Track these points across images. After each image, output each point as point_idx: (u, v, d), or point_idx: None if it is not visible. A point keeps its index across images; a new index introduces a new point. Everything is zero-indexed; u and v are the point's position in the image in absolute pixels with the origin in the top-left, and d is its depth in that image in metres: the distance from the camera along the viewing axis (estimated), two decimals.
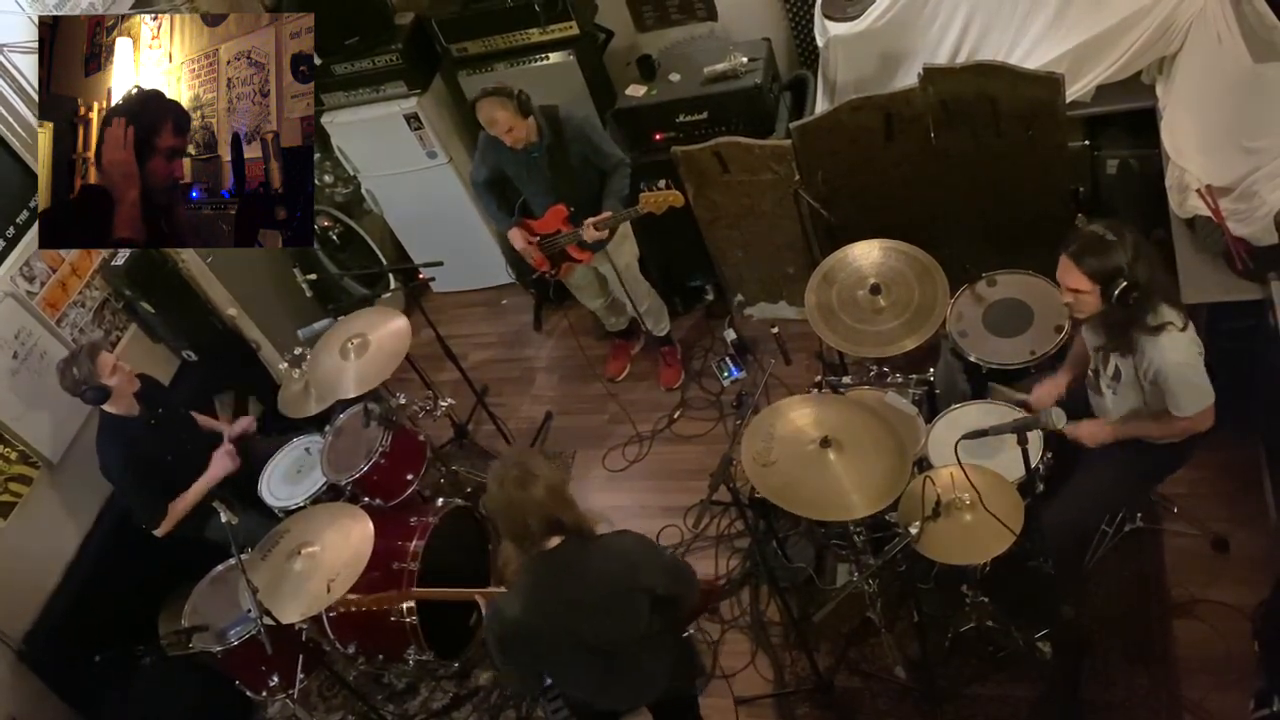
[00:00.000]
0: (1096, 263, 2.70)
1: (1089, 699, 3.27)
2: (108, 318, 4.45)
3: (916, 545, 2.84)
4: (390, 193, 5.53)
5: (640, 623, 2.65)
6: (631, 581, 2.61)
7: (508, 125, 3.96)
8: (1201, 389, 2.80)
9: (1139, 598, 3.49)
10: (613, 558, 2.62)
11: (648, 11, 5.00)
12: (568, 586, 2.57)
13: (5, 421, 3.88)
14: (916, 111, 3.80)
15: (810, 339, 4.09)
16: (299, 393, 4.24)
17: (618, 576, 2.60)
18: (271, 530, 3.56)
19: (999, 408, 3.31)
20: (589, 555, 2.58)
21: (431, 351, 4.78)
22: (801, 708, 3.61)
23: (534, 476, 2.50)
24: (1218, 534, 3.53)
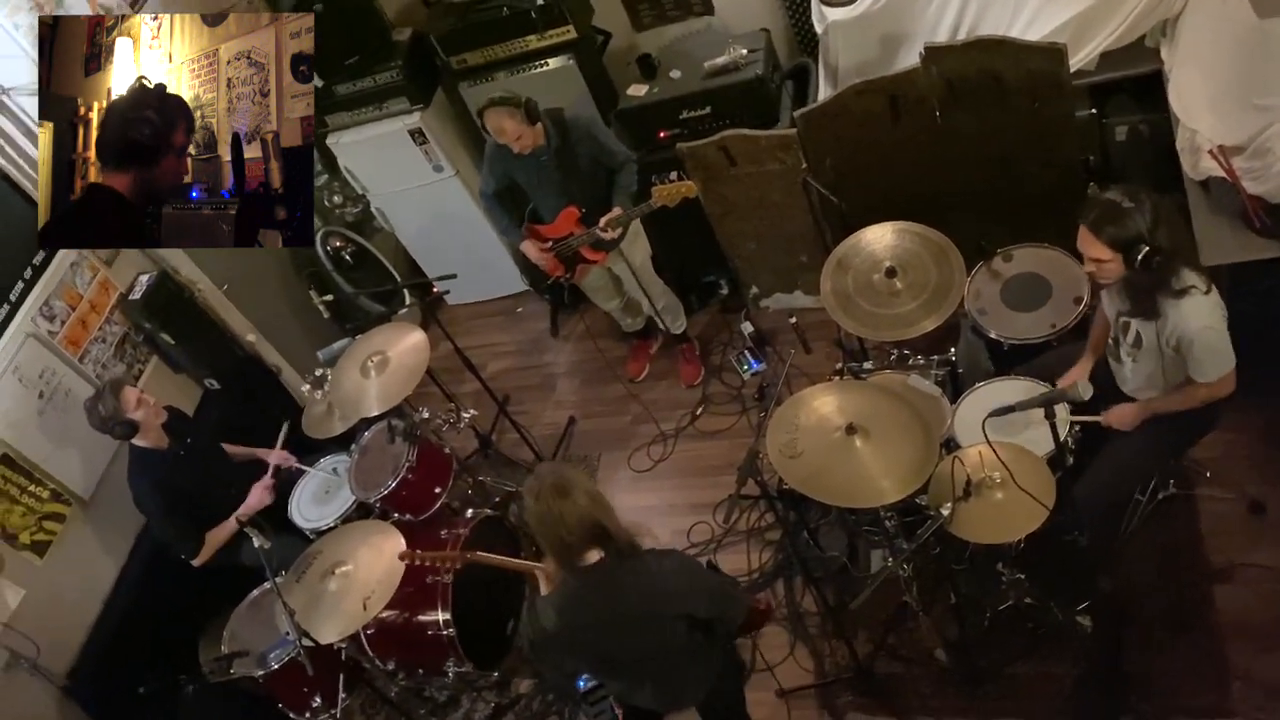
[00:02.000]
0: (1116, 230, 2.68)
1: (1132, 671, 3.24)
2: (129, 352, 4.49)
3: (949, 527, 2.82)
4: (399, 209, 5.55)
5: (677, 641, 2.63)
6: (667, 605, 2.58)
7: (516, 133, 3.97)
8: (1224, 354, 2.77)
9: (1177, 566, 3.45)
10: (652, 579, 2.57)
11: (644, 10, 5.00)
12: (603, 605, 2.54)
13: (36, 461, 3.92)
14: (921, 92, 3.78)
15: (828, 327, 4.08)
16: (323, 413, 4.26)
17: (654, 600, 2.57)
18: (304, 552, 3.59)
19: (1023, 383, 3.29)
20: (627, 575, 2.54)
21: (451, 364, 4.80)
22: (844, 696, 3.60)
23: (573, 485, 2.47)
24: (1253, 497, 3.49)
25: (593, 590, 2.53)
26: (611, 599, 2.54)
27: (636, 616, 2.57)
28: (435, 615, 3.76)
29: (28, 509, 3.86)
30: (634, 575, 2.54)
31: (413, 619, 3.79)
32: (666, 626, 2.60)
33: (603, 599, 2.54)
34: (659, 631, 2.60)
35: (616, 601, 2.54)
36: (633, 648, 2.62)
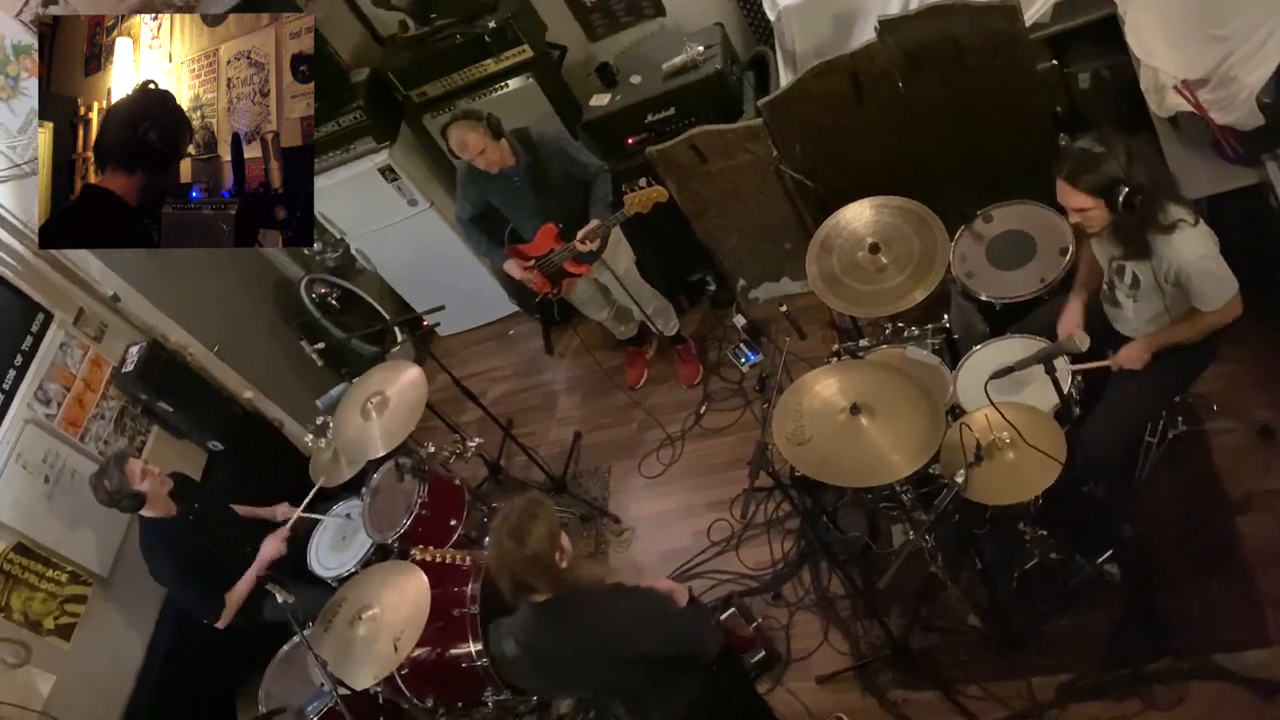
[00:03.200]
0: (1093, 178, 2.69)
1: (1165, 613, 3.24)
2: (128, 424, 4.48)
3: (965, 493, 2.83)
4: (380, 248, 5.55)
5: (632, 683, 2.63)
6: (618, 648, 2.56)
7: (480, 147, 3.96)
8: (1225, 279, 2.78)
9: (1196, 502, 3.46)
10: (600, 622, 2.55)
11: (597, 20, 5.01)
12: (553, 644, 2.56)
13: (50, 546, 3.91)
14: (881, 66, 3.79)
15: (820, 310, 4.07)
16: (329, 461, 4.26)
17: (602, 641, 2.55)
18: (329, 601, 3.58)
19: (1020, 341, 3.29)
20: (575, 615, 2.53)
21: (450, 395, 4.79)
22: (883, 675, 3.59)
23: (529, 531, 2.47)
24: (1262, 423, 3.50)
25: (542, 629, 2.56)
26: (559, 640, 2.55)
27: (580, 663, 2.59)
28: (467, 647, 3.74)
29: (48, 594, 3.85)
30: (582, 616, 2.54)
31: (445, 654, 3.77)
32: (615, 670, 2.60)
33: (552, 638, 2.56)
34: (606, 677, 2.62)
35: (564, 642, 2.56)
36: (588, 683, 2.63)
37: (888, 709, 3.51)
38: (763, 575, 4.08)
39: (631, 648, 2.57)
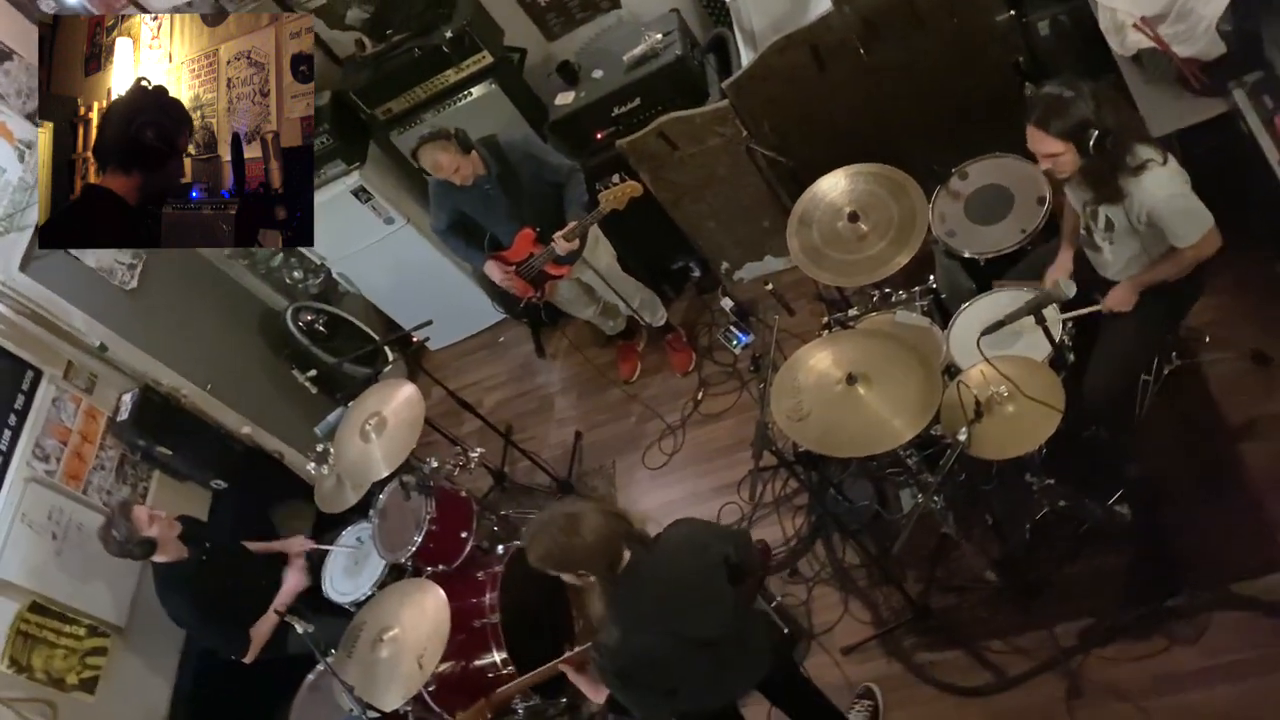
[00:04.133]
0: (1062, 123, 2.70)
1: (1179, 547, 3.26)
2: (129, 472, 4.47)
3: (969, 450, 2.83)
4: (361, 269, 5.54)
5: (728, 599, 2.66)
6: (705, 560, 2.64)
7: (453, 165, 3.97)
8: (1198, 214, 2.79)
9: (1198, 435, 3.47)
10: (680, 548, 2.66)
11: (552, 19, 4.99)
12: (653, 591, 2.58)
13: (65, 602, 3.90)
14: (840, 35, 3.78)
15: (806, 284, 4.09)
16: (333, 487, 4.25)
17: (692, 561, 2.63)
18: (349, 626, 3.58)
19: (1008, 294, 3.30)
20: (659, 555, 2.61)
21: (448, 408, 4.79)
22: (907, 639, 3.61)
23: (579, 515, 2.53)
24: (1255, 349, 3.51)
25: (636, 585, 2.57)
26: (655, 581, 2.59)
27: (686, 584, 2.62)
28: (492, 657, 3.75)
29: (68, 650, 3.84)
30: (664, 549, 2.63)
31: (470, 666, 3.78)
32: (712, 582, 2.65)
33: (648, 586, 2.58)
34: (709, 591, 2.64)
35: (660, 580, 2.59)
36: (695, 620, 2.63)
37: (915, 672, 3.53)
38: (777, 554, 4.09)
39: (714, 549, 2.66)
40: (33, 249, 4.29)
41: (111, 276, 4.66)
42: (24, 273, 4.22)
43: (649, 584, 2.58)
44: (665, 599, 2.60)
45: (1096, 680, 3.20)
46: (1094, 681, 3.20)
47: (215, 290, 5.43)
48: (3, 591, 3.74)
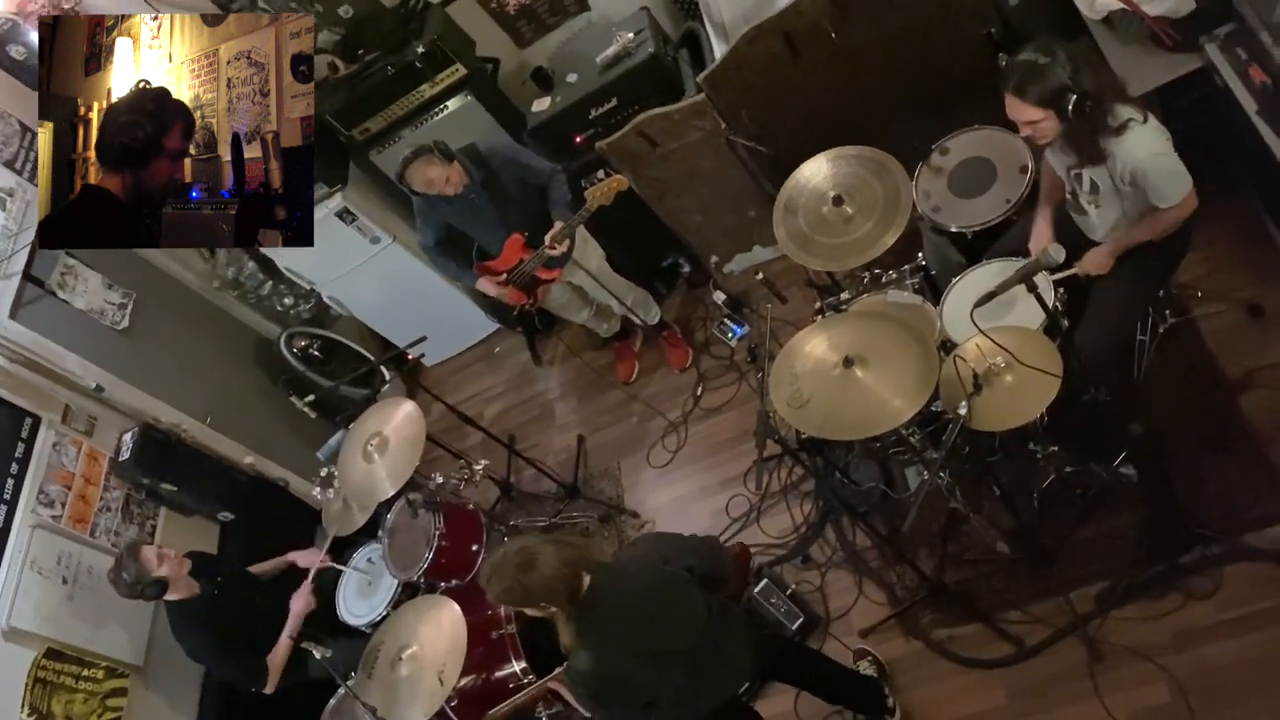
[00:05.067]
0: (1040, 89, 2.71)
1: (1187, 503, 3.27)
2: (135, 511, 4.46)
3: (971, 424, 2.84)
4: (351, 291, 5.53)
5: (699, 608, 2.68)
6: (667, 575, 2.68)
7: (444, 177, 3.98)
8: (1180, 175, 2.79)
9: (1198, 389, 3.48)
10: (641, 567, 2.72)
11: (522, 26, 4.99)
12: (618, 613, 2.61)
13: (80, 646, 3.88)
14: (811, 20, 3.78)
15: (796, 271, 4.08)
16: (340, 510, 4.24)
17: (655, 578, 2.68)
18: (367, 647, 3.57)
19: (997, 265, 3.30)
20: (619, 577, 2.65)
21: (449, 423, 4.79)
22: (925, 616, 3.61)
23: (533, 551, 2.56)
24: (1248, 300, 3.52)
25: (604, 606, 2.60)
26: (620, 603, 2.61)
27: (652, 600, 2.65)
28: (512, 667, 3.75)
29: (88, 694, 3.83)
30: (624, 571, 2.69)
31: (491, 678, 3.78)
32: (680, 594, 2.68)
33: (614, 609, 2.61)
34: (678, 603, 2.67)
35: (626, 600, 2.62)
36: (666, 634, 2.65)
37: (935, 648, 3.53)
38: (788, 541, 4.09)
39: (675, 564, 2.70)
40: (22, 295, 4.29)
41: (102, 317, 4.65)
42: (15, 320, 4.22)
43: (613, 607, 2.61)
44: (631, 619, 2.63)
45: (1116, 642, 3.21)
46: (1114, 644, 3.21)
47: (207, 323, 5.42)
48: (18, 640, 3.73)
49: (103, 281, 4.73)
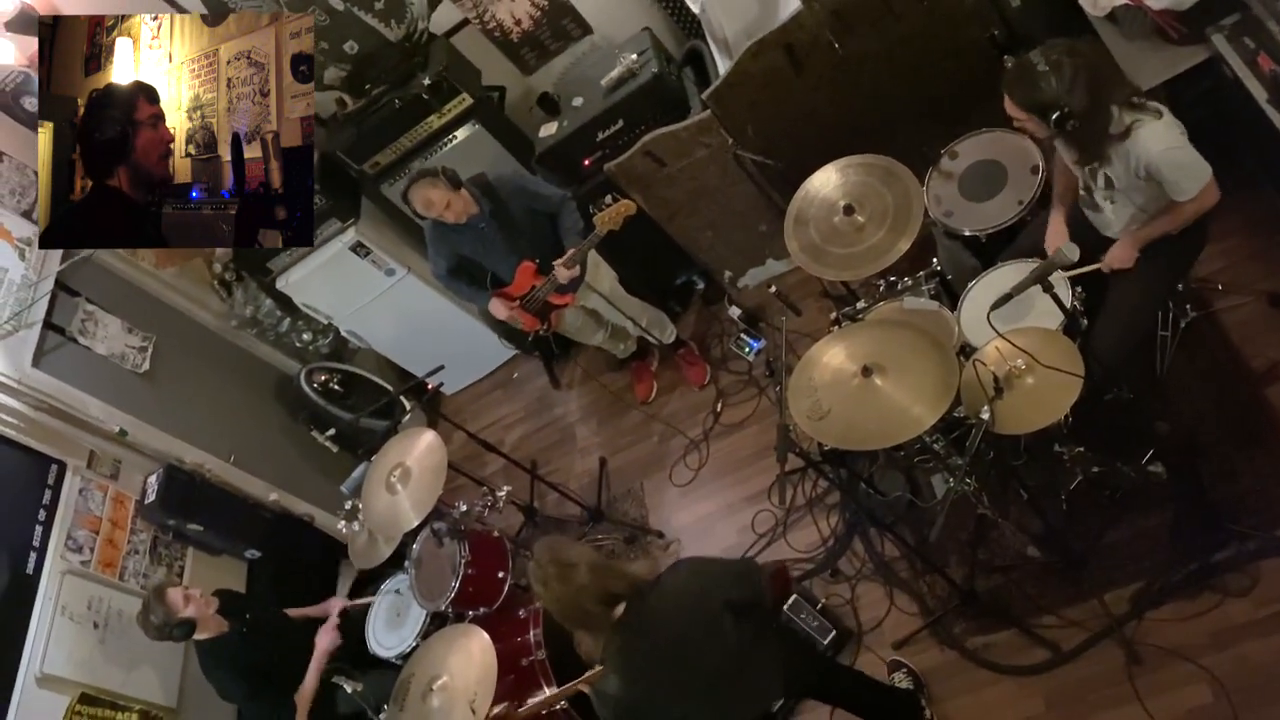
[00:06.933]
0: (1024, 95, 2.72)
1: (1218, 499, 3.22)
2: (163, 553, 4.49)
3: (994, 428, 2.81)
4: (368, 323, 5.55)
5: (730, 638, 2.64)
6: (705, 606, 2.63)
7: (444, 201, 3.98)
8: (1197, 167, 2.76)
9: (1223, 383, 3.44)
10: (678, 594, 2.65)
11: (526, 53, 5.02)
12: (651, 641, 2.58)
13: (114, 689, 3.91)
14: (812, 32, 3.79)
15: (810, 282, 4.08)
16: (366, 543, 4.25)
17: (691, 609, 2.63)
18: (398, 679, 3.56)
19: (1012, 267, 3.28)
20: (655, 605, 2.61)
21: (470, 451, 4.79)
22: (957, 625, 3.57)
23: (571, 565, 2.55)
24: (1269, 291, 3.48)
25: (634, 636, 2.58)
26: (653, 631, 2.59)
27: (683, 632, 2.61)
28: (543, 693, 3.72)
29: None
30: (660, 600, 2.62)
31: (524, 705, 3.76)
32: (712, 627, 2.62)
33: (646, 637, 2.58)
34: (709, 636, 2.62)
35: (658, 630, 2.59)
36: (695, 665, 2.62)
37: (970, 657, 3.49)
38: (815, 555, 4.06)
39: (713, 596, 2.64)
40: (44, 343, 4.33)
41: (123, 361, 4.69)
42: (37, 368, 4.26)
43: (647, 635, 2.58)
44: (664, 651, 2.60)
45: (1154, 644, 3.16)
46: (1151, 645, 3.16)
47: (227, 362, 5.46)
48: (51, 686, 3.75)
49: (122, 326, 4.78)
